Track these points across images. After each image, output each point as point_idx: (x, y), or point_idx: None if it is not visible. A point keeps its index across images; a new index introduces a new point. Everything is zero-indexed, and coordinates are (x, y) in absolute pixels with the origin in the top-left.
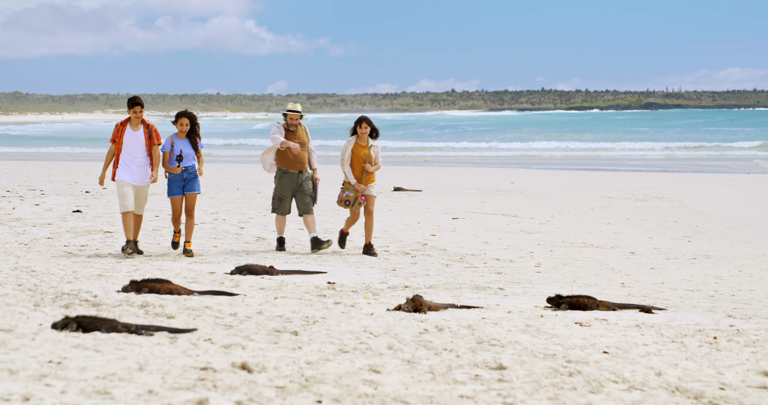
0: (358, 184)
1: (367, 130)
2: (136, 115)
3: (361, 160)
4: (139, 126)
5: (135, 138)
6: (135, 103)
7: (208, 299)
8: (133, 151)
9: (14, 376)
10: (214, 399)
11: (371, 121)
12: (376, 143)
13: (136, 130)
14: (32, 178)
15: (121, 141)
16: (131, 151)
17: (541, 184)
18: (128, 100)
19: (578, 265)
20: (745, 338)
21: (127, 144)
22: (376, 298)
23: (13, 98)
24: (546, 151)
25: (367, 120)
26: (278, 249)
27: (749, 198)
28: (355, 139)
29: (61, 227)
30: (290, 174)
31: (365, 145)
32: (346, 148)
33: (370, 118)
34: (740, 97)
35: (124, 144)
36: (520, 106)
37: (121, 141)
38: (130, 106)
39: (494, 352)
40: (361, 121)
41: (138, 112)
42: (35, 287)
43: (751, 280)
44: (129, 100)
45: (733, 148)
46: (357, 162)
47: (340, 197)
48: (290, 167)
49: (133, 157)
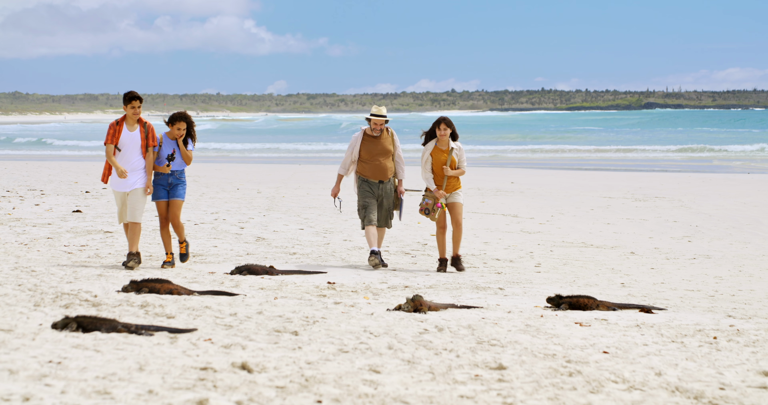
0: (437, 191)
1: (446, 132)
2: (135, 112)
3: (442, 165)
4: (135, 125)
5: (132, 139)
6: (133, 98)
7: (208, 299)
8: (129, 155)
9: (14, 376)
10: (214, 399)
11: (451, 122)
12: (458, 145)
13: (133, 130)
14: (32, 178)
15: (117, 143)
16: (127, 155)
17: (541, 184)
18: (125, 95)
19: (578, 265)
20: (745, 338)
21: (123, 146)
22: (376, 298)
23: (13, 98)
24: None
25: (446, 121)
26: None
27: (749, 198)
28: (433, 144)
29: (61, 227)
30: (370, 183)
31: (446, 148)
32: (424, 152)
33: (449, 119)
34: (740, 97)
35: (119, 146)
36: (520, 106)
37: (116, 143)
38: (127, 101)
39: (494, 352)
40: (439, 123)
41: (137, 107)
42: (35, 287)
43: (751, 280)
44: (126, 95)
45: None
46: (438, 167)
47: (421, 205)
48: (370, 176)
49: (128, 162)
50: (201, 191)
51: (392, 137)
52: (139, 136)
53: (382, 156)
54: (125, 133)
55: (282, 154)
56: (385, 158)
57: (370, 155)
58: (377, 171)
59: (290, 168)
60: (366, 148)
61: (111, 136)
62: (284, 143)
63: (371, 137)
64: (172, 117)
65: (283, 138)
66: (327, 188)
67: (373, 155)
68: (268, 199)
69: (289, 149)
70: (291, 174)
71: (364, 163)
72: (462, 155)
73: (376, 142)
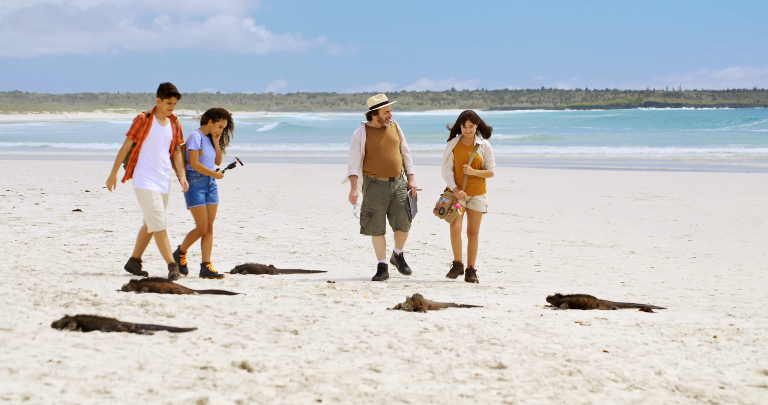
0: (457, 191)
1: (472, 130)
2: (170, 108)
3: (464, 162)
4: (166, 120)
5: (163, 135)
6: (172, 93)
7: (208, 298)
8: (160, 151)
9: (14, 376)
10: (214, 398)
11: (478, 117)
12: (485, 143)
13: (164, 125)
14: (32, 177)
15: (145, 138)
16: (158, 151)
17: (541, 183)
18: (164, 88)
19: (578, 264)
20: (744, 337)
21: (154, 142)
22: (376, 297)
23: (13, 97)
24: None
25: (472, 116)
26: (375, 278)
27: (749, 197)
28: (457, 140)
29: (61, 226)
30: (380, 183)
31: (470, 145)
32: (447, 148)
33: (474, 114)
34: (740, 96)
35: (148, 142)
36: (520, 104)
37: (144, 138)
38: (165, 95)
39: (494, 351)
40: (464, 119)
41: (173, 104)
42: (35, 286)
43: (751, 278)
44: (165, 88)
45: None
46: (459, 165)
47: (437, 205)
48: (379, 174)
49: (161, 160)
50: None
51: (396, 127)
52: (171, 132)
53: (389, 148)
54: (155, 127)
55: (279, 155)
56: (393, 151)
57: (376, 148)
58: (386, 166)
59: (290, 167)
60: (371, 142)
61: (136, 129)
62: (285, 144)
63: (374, 129)
64: (215, 113)
65: (283, 139)
66: (327, 187)
67: (380, 149)
68: (268, 198)
69: (292, 150)
70: (291, 173)
71: (370, 160)
72: (489, 155)
73: (381, 134)
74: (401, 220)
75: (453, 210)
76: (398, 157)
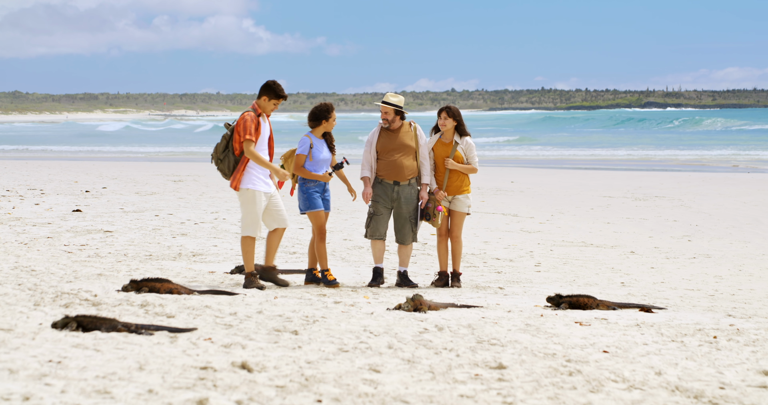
0: (438, 192)
1: (447, 122)
2: (274, 109)
3: (444, 158)
4: (266, 120)
5: (267, 134)
6: (282, 96)
7: (208, 298)
8: (265, 151)
9: (14, 376)
10: (214, 398)
11: (455, 112)
12: (466, 139)
13: (266, 124)
14: (32, 178)
15: (257, 138)
16: (264, 151)
17: (541, 184)
18: (273, 88)
19: (578, 264)
20: (745, 337)
21: (262, 142)
22: (376, 298)
23: (13, 97)
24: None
25: (447, 109)
26: (371, 284)
27: (749, 197)
28: (437, 137)
29: (61, 226)
30: (384, 184)
31: (449, 142)
32: (427, 147)
33: (455, 109)
34: (740, 96)
35: (258, 142)
36: (520, 105)
37: (257, 138)
38: (275, 97)
39: (494, 351)
40: (440, 112)
41: (278, 106)
42: (35, 287)
43: (751, 279)
44: (275, 89)
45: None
46: (440, 163)
47: (421, 212)
48: (384, 175)
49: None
50: (201, 191)
51: (415, 132)
52: (269, 130)
53: (398, 152)
54: (263, 126)
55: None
56: (402, 155)
57: (385, 150)
58: (392, 169)
59: None
60: (381, 143)
61: (253, 130)
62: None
63: (388, 131)
64: (322, 108)
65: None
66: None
67: (388, 150)
68: None
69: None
70: None
71: (380, 161)
72: (471, 151)
73: (393, 136)
74: (404, 233)
75: (437, 213)
76: (407, 162)
